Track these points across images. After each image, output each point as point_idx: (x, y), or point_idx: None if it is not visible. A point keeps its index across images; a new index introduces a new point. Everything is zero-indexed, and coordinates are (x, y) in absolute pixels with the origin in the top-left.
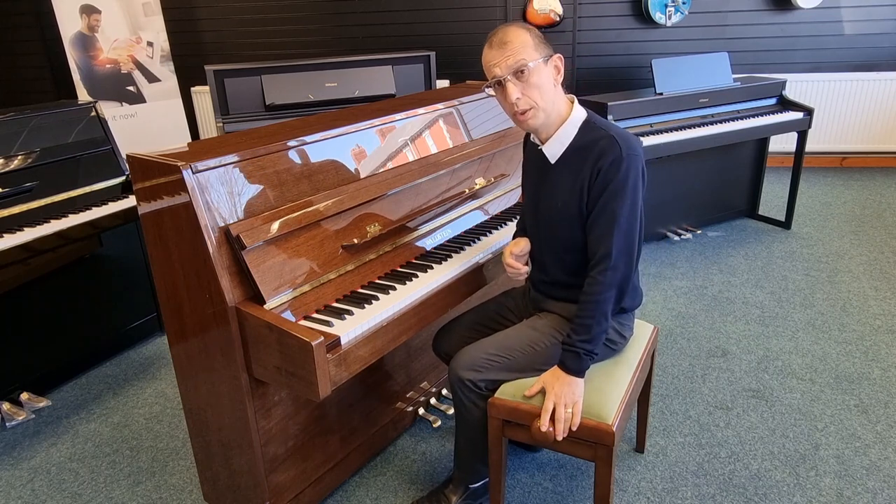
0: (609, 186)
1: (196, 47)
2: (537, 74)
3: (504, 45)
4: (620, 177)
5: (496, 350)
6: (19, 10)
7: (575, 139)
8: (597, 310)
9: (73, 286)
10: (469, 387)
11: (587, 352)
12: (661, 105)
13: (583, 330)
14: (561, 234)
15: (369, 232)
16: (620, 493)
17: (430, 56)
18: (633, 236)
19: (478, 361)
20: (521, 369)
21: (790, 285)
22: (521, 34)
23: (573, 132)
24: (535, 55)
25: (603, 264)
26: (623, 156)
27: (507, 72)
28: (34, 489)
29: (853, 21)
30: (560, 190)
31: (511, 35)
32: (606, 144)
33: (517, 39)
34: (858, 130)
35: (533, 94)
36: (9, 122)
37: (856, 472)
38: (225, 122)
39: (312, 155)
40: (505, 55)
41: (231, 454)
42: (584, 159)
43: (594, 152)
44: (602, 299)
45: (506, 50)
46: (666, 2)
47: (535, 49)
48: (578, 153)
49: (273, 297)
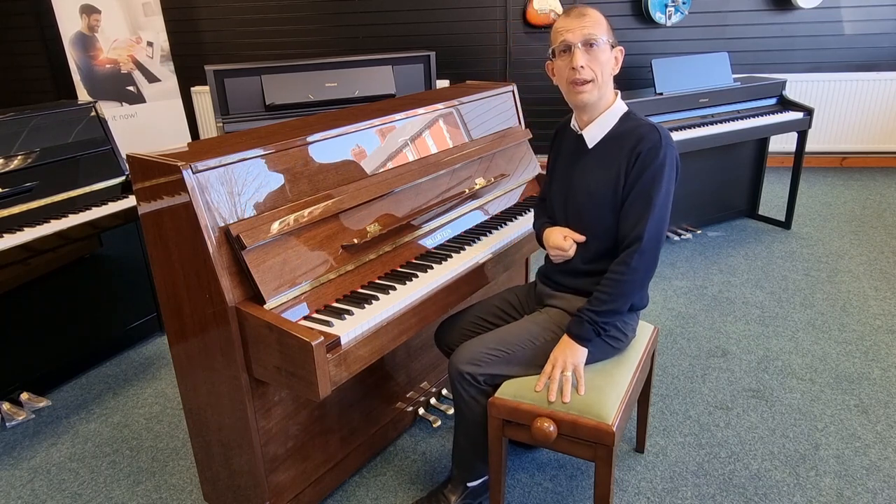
0: (647, 171)
1: (196, 47)
2: (604, 53)
3: (582, 16)
4: (658, 162)
5: (496, 344)
6: (19, 10)
7: (614, 128)
8: (616, 288)
9: (73, 286)
10: (468, 380)
11: (591, 320)
12: (661, 105)
13: (596, 301)
14: (588, 220)
15: (369, 232)
16: (620, 493)
17: (430, 56)
18: (663, 225)
19: (478, 355)
20: (521, 364)
21: (790, 285)
22: (598, 15)
23: (613, 121)
24: (606, 36)
25: (634, 247)
26: (662, 143)
27: (580, 39)
28: (34, 489)
29: (853, 21)
30: (594, 174)
31: (590, 10)
32: (646, 131)
33: (595, 16)
34: (858, 130)
35: (596, 67)
36: (9, 122)
37: (856, 472)
38: (225, 122)
39: (312, 155)
40: (582, 24)
41: (231, 454)
42: (622, 146)
43: (632, 138)
44: (625, 280)
45: (584, 21)
46: (666, 2)
47: (608, 32)
48: (616, 141)
49: (273, 296)
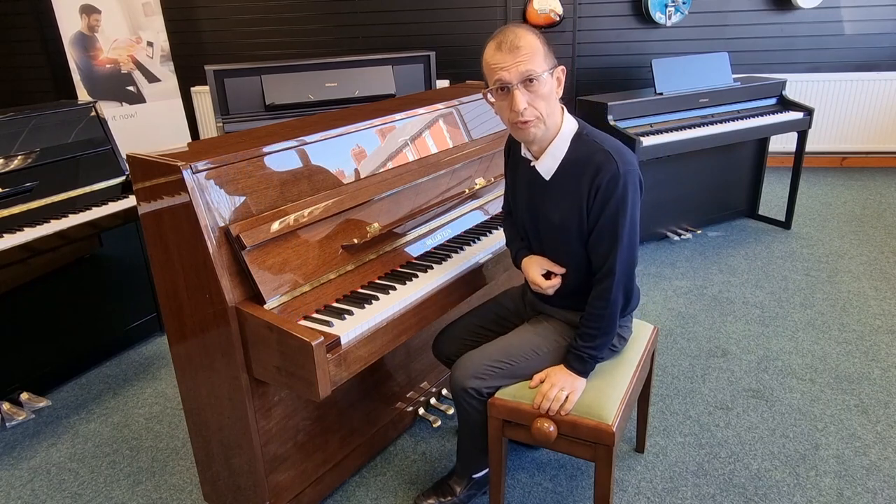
0: (609, 204)
1: (196, 47)
2: (545, 85)
3: (516, 50)
4: (619, 193)
5: (499, 356)
6: (19, 10)
7: (567, 153)
8: (602, 322)
9: (73, 286)
10: (472, 395)
11: (591, 357)
12: (661, 105)
13: (588, 338)
14: (560, 248)
15: (369, 232)
16: (620, 493)
17: (430, 56)
18: (633, 249)
19: (481, 369)
20: (523, 375)
21: (790, 285)
22: (532, 40)
23: (565, 147)
24: (545, 65)
25: (607, 281)
26: (620, 172)
27: (517, 79)
28: (34, 489)
29: (853, 21)
30: (557, 207)
31: (523, 40)
32: (602, 160)
33: (529, 46)
34: (858, 130)
35: (539, 104)
36: (9, 122)
37: (856, 472)
38: (225, 122)
39: (312, 155)
40: (516, 60)
41: (231, 454)
42: (581, 175)
43: (590, 168)
44: (608, 314)
45: (517, 55)
46: (666, 2)
47: (545, 58)
48: (573, 168)
49: (273, 297)
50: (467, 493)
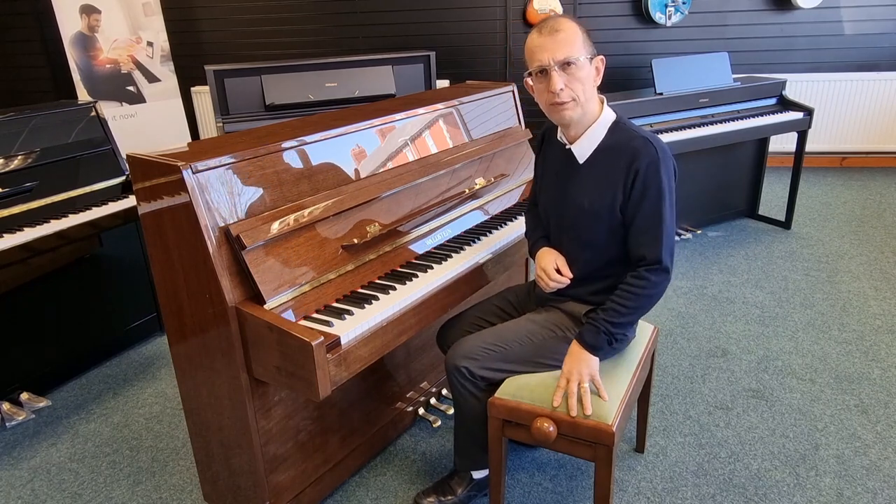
0: (650, 191)
1: (196, 47)
2: (583, 69)
3: (556, 33)
4: (660, 179)
5: (493, 340)
6: (19, 10)
7: (604, 140)
8: (635, 301)
9: (73, 286)
10: (464, 374)
11: (607, 331)
12: (661, 105)
13: (612, 312)
14: (583, 234)
15: (369, 232)
16: (620, 493)
17: (430, 56)
18: (673, 235)
19: (474, 350)
20: (517, 360)
21: (790, 285)
22: (572, 26)
23: (602, 133)
24: (583, 51)
25: (655, 266)
26: (660, 158)
27: (556, 61)
28: (34, 489)
29: (853, 21)
30: (588, 191)
31: (564, 25)
32: (640, 146)
33: (570, 30)
34: (858, 130)
35: (576, 87)
36: (9, 122)
37: (856, 472)
38: (225, 122)
39: (312, 155)
40: (556, 43)
41: (231, 454)
42: (616, 160)
43: (627, 153)
44: (644, 294)
45: (557, 38)
46: (666, 2)
47: (584, 45)
48: (608, 153)
49: (273, 297)
50: (467, 494)
